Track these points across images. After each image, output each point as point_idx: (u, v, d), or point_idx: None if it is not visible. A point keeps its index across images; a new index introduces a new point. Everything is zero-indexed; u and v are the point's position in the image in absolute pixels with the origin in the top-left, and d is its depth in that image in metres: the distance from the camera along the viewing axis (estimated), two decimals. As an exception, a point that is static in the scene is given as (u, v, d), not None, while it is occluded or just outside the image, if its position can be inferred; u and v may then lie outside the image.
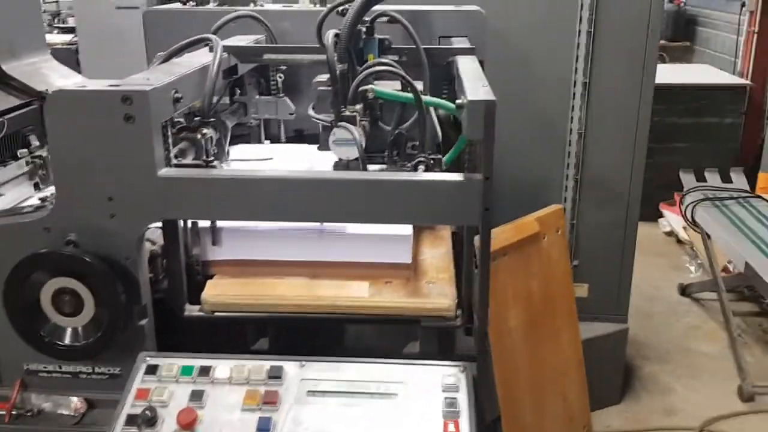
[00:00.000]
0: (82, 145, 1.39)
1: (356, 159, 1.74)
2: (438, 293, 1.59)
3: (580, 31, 2.80)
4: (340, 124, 1.69)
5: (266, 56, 1.96)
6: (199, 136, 1.59)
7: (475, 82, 1.45)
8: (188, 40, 1.79)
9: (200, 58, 1.84)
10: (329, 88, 1.86)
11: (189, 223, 1.59)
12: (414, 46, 1.85)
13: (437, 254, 1.77)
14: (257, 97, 2.31)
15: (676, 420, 3.25)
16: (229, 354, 1.52)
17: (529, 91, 2.87)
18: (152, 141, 1.39)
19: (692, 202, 4.21)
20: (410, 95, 1.70)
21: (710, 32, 6.83)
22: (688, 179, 4.59)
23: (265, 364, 1.48)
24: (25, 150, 2.28)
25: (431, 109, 1.80)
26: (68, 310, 1.44)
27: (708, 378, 3.58)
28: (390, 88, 1.78)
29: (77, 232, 1.44)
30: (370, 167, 1.69)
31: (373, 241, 1.64)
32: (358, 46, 1.82)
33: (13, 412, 1.54)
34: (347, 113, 1.70)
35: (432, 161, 1.61)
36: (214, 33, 2.09)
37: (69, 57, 5.34)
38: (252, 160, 2.06)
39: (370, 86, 1.73)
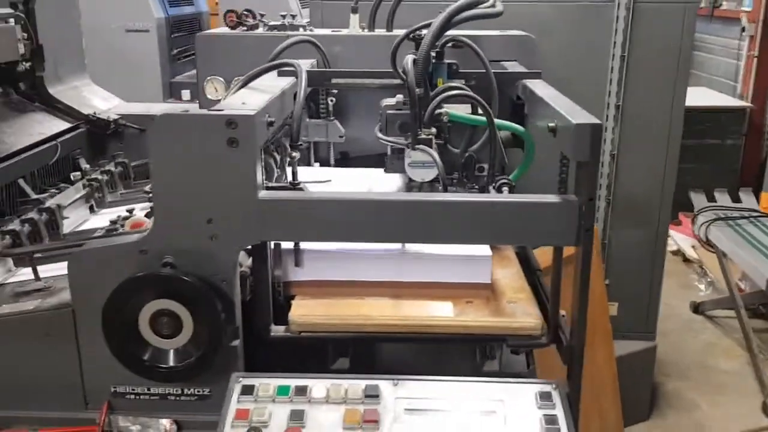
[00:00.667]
0: (184, 168, 1.40)
1: (431, 181, 1.78)
2: (522, 312, 1.62)
3: (614, 56, 2.87)
4: (417, 146, 1.72)
5: (335, 80, 2.00)
6: (288, 159, 1.62)
7: (568, 106, 1.50)
8: (269, 65, 1.82)
9: (269, 81, 1.87)
10: (399, 112, 1.90)
11: (272, 244, 1.61)
12: (483, 71, 1.89)
13: (508, 274, 1.80)
14: (308, 120, 2.34)
15: (705, 436, 3.29)
16: (313, 373, 1.54)
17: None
18: (254, 164, 1.41)
19: (705, 222, 4.29)
20: (482, 118, 1.74)
21: (705, 56, 6.99)
22: (698, 199, 4.69)
23: (361, 384, 1.49)
24: (78, 173, 2.28)
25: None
26: (167, 332, 1.45)
27: (731, 394, 3.64)
28: (460, 111, 1.83)
29: (174, 254, 1.45)
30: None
31: (453, 262, 1.67)
32: (428, 70, 1.86)
33: (102, 436, 1.54)
34: (423, 136, 1.74)
35: (506, 182, 1.65)
36: (274, 58, 2.13)
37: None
38: (311, 182, 2.08)
39: (444, 110, 1.78)
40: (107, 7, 5.19)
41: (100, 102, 2.64)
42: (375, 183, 2.03)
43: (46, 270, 1.72)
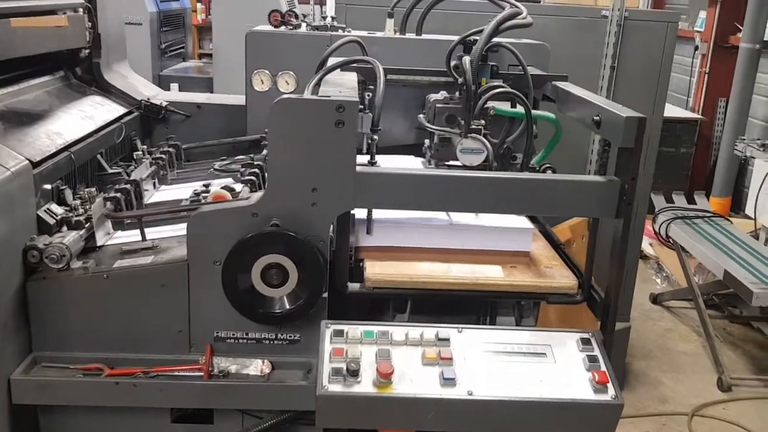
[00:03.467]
0: (296, 144, 1.67)
1: (477, 166, 2.08)
2: (560, 275, 1.94)
3: (604, 66, 3.24)
4: (470, 135, 2.03)
5: (390, 76, 2.27)
6: (369, 141, 1.89)
7: (608, 103, 1.83)
8: (347, 60, 2.09)
9: (338, 76, 2.13)
10: (446, 105, 2.20)
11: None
12: (520, 72, 2.21)
13: (539, 246, 2.12)
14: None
15: (669, 407, 3.70)
16: (389, 322, 1.82)
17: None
18: (354, 143, 1.68)
19: (665, 221, 4.74)
20: (522, 111, 2.06)
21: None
22: (658, 201, 5.14)
23: (432, 329, 1.78)
24: (140, 152, 2.50)
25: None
26: (276, 282, 1.71)
27: (690, 372, 4.07)
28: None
29: (280, 217, 1.71)
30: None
31: (500, 233, 1.98)
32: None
33: (205, 374, 1.78)
34: (474, 126, 2.04)
35: (549, 167, 1.97)
36: (328, 56, 2.40)
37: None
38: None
39: (491, 104, 2.08)
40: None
41: (144, 88, 2.85)
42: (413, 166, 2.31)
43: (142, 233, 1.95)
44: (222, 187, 2.16)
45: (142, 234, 1.87)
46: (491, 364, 1.72)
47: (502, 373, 1.70)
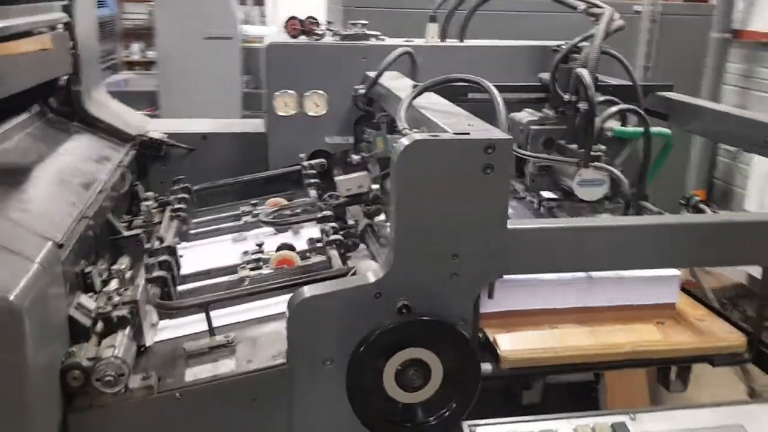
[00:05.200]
0: (433, 198, 1.25)
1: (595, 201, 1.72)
2: (721, 331, 1.61)
3: (637, 67, 2.95)
4: (593, 164, 1.66)
5: (471, 95, 1.87)
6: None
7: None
8: (448, 77, 1.66)
9: (429, 99, 1.70)
10: (543, 127, 1.83)
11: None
12: (630, 83, 1.86)
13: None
14: (389, 135, 2.19)
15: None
16: (533, 415, 1.43)
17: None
18: (506, 192, 1.28)
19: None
20: (641, 130, 1.72)
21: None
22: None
23: (602, 420, 1.41)
24: (150, 202, 1.99)
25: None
26: (416, 383, 1.28)
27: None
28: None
29: (410, 296, 1.29)
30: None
31: (642, 283, 1.62)
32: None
33: None
34: (593, 153, 1.68)
35: (700, 201, 1.63)
36: (384, 69, 1.99)
37: None
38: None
39: (609, 125, 1.73)
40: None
41: (131, 118, 2.32)
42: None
43: (187, 322, 1.47)
44: (282, 245, 1.71)
45: (210, 328, 1.39)
46: (687, 459, 1.37)
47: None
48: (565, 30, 2.68)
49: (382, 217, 1.83)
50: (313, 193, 1.94)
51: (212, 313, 1.45)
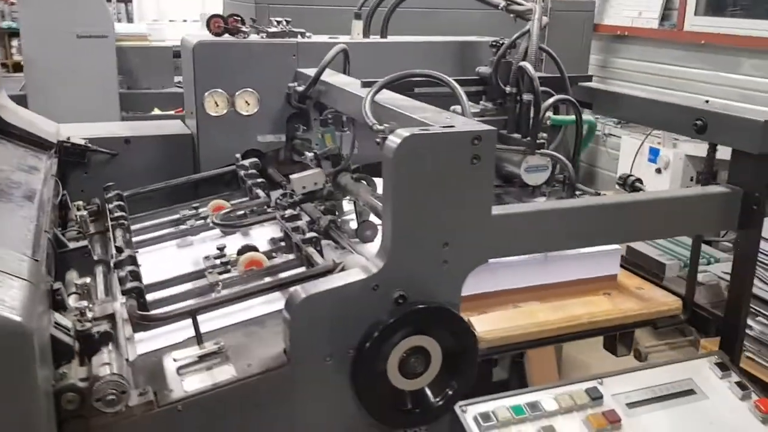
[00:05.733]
0: (426, 190, 1.28)
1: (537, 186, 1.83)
2: (662, 296, 1.77)
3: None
4: (540, 151, 1.77)
5: (418, 89, 1.91)
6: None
7: (701, 104, 1.70)
8: (408, 72, 1.69)
9: (390, 94, 1.72)
10: (483, 119, 1.91)
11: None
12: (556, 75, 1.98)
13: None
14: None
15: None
16: (516, 390, 1.52)
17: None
18: (491, 180, 1.35)
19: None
20: (572, 118, 1.85)
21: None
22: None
23: (577, 387, 1.52)
24: (81, 212, 1.87)
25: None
26: (418, 371, 1.31)
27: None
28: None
29: (404, 285, 1.32)
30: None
31: (590, 258, 1.76)
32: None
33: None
34: (538, 141, 1.78)
35: (637, 180, 1.78)
36: (324, 68, 1.99)
37: None
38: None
39: (548, 114, 1.84)
40: None
41: (43, 124, 2.16)
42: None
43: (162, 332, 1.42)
44: (245, 247, 1.67)
45: (198, 336, 1.35)
46: (656, 415, 1.50)
47: (674, 423, 1.49)
48: (474, 25, 2.82)
49: (347, 209, 1.85)
50: (261, 193, 1.90)
51: (177, 324, 1.40)
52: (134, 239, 1.85)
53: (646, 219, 1.55)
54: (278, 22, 2.27)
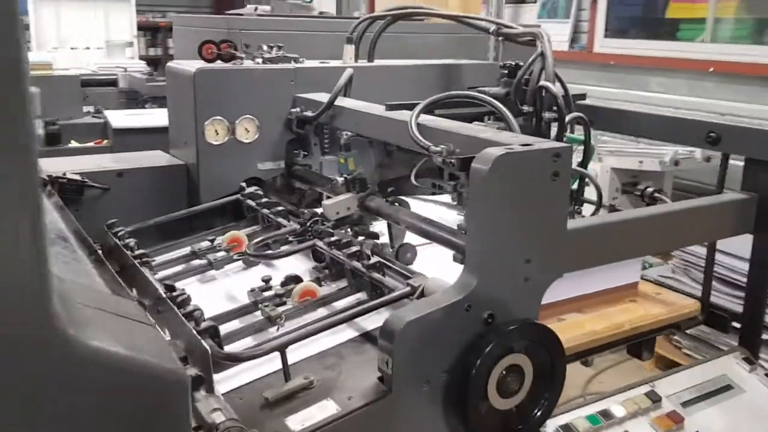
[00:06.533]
0: (511, 209, 1.30)
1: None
2: (681, 299, 1.88)
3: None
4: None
5: (437, 111, 1.93)
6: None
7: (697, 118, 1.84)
8: (451, 93, 1.71)
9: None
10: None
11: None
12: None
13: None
14: (323, 157, 2.17)
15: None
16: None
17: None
18: (567, 195, 1.39)
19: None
20: (580, 137, 1.94)
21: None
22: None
23: (638, 391, 1.58)
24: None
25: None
26: (513, 389, 1.32)
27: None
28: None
29: (492, 305, 1.33)
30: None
31: (615, 268, 1.84)
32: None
33: None
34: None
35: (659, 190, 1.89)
36: (339, 92, 1.98)
37: None
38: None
39: (564, 133, 1.91)
40: None
41: None
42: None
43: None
44: (289, 278, 1.62)
45: (286, 371, 1.29)
46: (708, 411, 1.59)
47: (728, 417, 1.58)
48: (436, 48, 2.86)
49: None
50: (284, 221, 1.85)
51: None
52: (156, 276, 1.75)
53: (681, 227, 1.64)
54: (271, 48, 2.22)
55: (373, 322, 1.48)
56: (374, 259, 1.56)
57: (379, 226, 1.89)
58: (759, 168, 1.71)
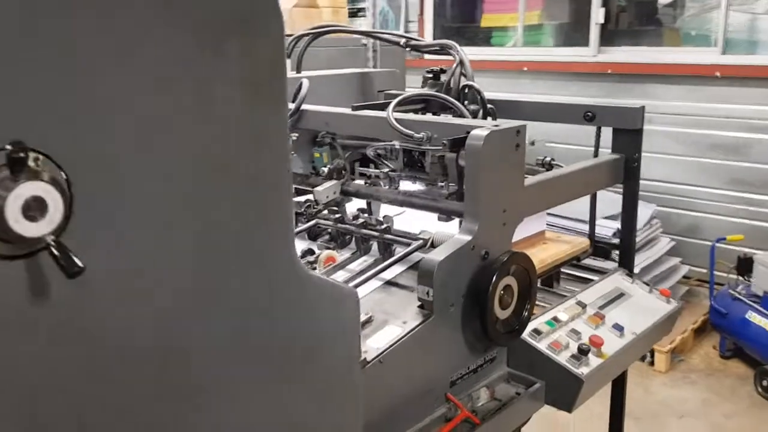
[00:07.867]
0: (494, 173, 1.80)
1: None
2: (577, 239, 2.50)
3: (372, 85, 3.74)
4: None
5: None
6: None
7: (575, 101, 2.46)
8: (415, 93, 2.14)
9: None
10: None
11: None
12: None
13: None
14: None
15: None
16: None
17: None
18: (523, 160, 1.91)
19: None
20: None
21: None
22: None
23: (571, 302, 2.15)
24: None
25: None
26: (508, 303, 1.82)
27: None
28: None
29: (486, 244, 1.82)
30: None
31: (528, 221, 2.41)
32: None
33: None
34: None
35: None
36: (302, 102, 2.34)
37: None
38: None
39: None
40: None
41: None
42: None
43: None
44: (303, 251, 1.98)
45: (353, 310, 1.67)
46: (617, 311, 2.21)
47: (630, 313, 2.21)
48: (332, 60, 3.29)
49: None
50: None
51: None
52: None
53: (578, 182, 2.25)
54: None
55: (389, 273, 1.90)
56: (384, 225, 1.98)
57: (350, 207, 2.29)
58: (624, 136, 2.38)
